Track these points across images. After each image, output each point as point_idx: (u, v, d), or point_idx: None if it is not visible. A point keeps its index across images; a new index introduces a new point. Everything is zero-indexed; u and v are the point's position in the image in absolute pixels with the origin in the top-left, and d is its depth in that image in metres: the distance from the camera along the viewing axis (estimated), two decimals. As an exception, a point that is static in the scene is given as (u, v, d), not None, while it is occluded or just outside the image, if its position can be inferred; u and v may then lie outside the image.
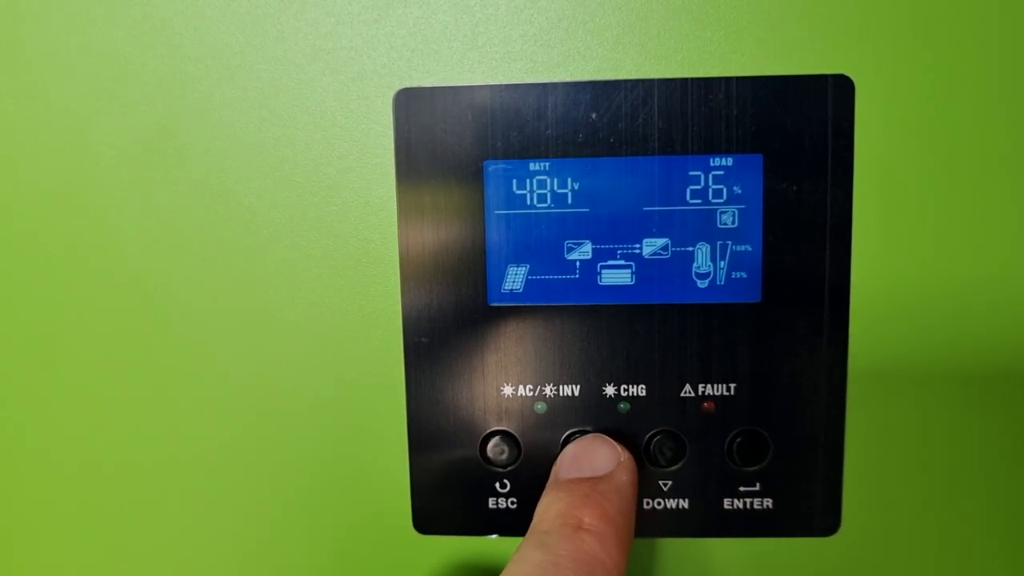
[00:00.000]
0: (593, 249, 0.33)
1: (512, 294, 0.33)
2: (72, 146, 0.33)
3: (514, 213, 0.32)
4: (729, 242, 0.32)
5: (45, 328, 0.34)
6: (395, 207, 0.32)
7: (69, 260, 0.34)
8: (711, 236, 0.32)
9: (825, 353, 0.32)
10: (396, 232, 0.33)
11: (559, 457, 0.32)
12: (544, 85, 0.32)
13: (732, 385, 0.33)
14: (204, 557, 0.36)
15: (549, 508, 0.29)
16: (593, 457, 0.31)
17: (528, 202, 0.32)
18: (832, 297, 0.32)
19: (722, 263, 0.32)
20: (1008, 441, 0.33)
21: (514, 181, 0.32)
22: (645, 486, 0.34)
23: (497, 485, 0.34)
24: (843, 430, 0.33)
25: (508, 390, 0.33)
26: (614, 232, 0.32)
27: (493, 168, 0.32)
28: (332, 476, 0.35)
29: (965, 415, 0.33)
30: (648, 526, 0.34)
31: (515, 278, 0.33)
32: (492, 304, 0.33)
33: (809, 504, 0.34)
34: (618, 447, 0.31)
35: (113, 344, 0.34)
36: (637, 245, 0.32)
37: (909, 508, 0.34)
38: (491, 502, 0.34)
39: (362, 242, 0.33)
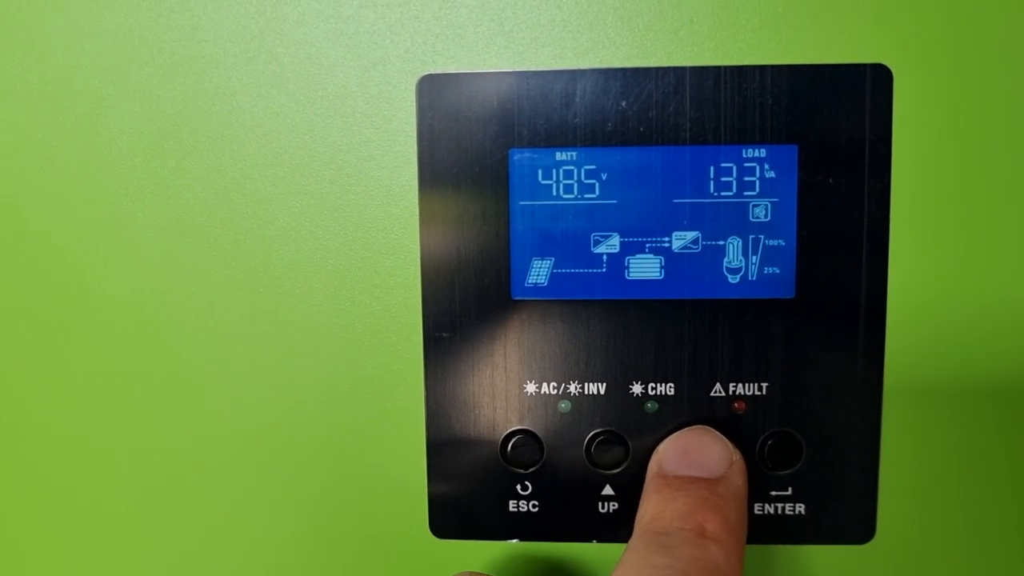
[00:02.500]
0: (621, 242, 0.31)
1: (536, 288, 0.32)
2: (88, 130, 0.32)
3: (539, 204, 0.31)
4: (762, 236, 0.31)
5: (56, 317, 0.33)
6: (416, 196, 0.31)
7: (83, 245, 0.33)
8: (743, 230, 0.31)
9: (861, 352, 0.31)
10: (417, 222, 0.31)
11: (662, 447, 0.30)
12: (572, 72, 0.31)
13: (764, 385, 0.32)
14: (219, 558, 0.34)
15: (664, 507, 0.27)
16: (704, 454, 0.29)
17: (554, 192, 0.31)
18: (868, 294, 0.31)
19: (754, 258, 0.31)
20: (1050, 446, 0.32)
21: (540, 171, 0.31)
22: (672, 490, 0.32)
23: (518, 487, 0.33)
24: (879, 433, 0.32)
25: (531, 388, 0.32)
26: (643, 224, 0.31)
27: (518, 157, 0.31)
28: (347, 476, 0.33)
29: (1004, 423, 0.32)
30: (675, 532, 0.33)
31: (540, 271, 0.32)
32: (516, 298, 0.32)
33: (843, 510, 0.32)
34: (729, 444, 0.30)
35: (125, 332, 0.33)
36: (666, 238, 0.31)
37: (947, 516, 0.32)
38: (511, 505, 0.33)
39: (382, 232, 0.32)
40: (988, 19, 0.30)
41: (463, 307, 0.32)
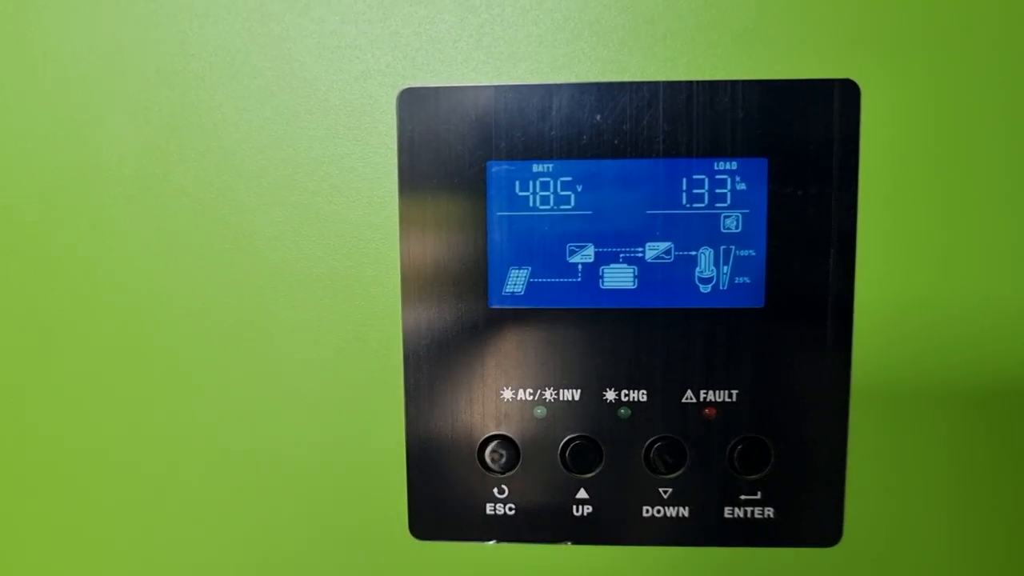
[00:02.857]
0: (596, 252, 0.32)
1: (513, 297, 0.33)
2: (76, 142, 0.33)
3: (516, 215, 0.32)
4: (733, 247, 0.32)
5: (43, 321, 0.34)
6: (397, 207, 0.32)
7: (72, 252, 0.33)
8: (715, 240, 0.32)
9: (829, 361, 0.32)
10: (397, 232, 0.32)
11: None
12: (549, 86, 0.31)
13: (734, 392, 0.32)
14: (203, 561, 0.35)
15: None
16: None
17: (531, 204, 0.32)
18: (836, 304, 0.32)
19: (725, 268, 0.32)
20: (1011, 454, 0.33)
21: (517, 182, 0.32)
22: (645, 494, 0.33)
23: (495, 491, 0.34)
24: (846, 438, 0.33)
25: (508, 394, 0.33)
26: (617, 235, 0.32)
27: (496, 169, 0.32)
28: (329, 480, 0.34)
29: (969, 427, 0.33)
30: (648, 534, 0.33)
31: (516, 280, 0.33)
32: (493, 306, 0.33)
33: (811, 514, 0.33)
34: None
35: (112, 338, 0.34)
36: (640, 248, 0.32)
37: (913, 519, 0.33)
38: (489, 508, 0.34)
39: (363, 242, 0.33)
40: (953, 36, 0.31)
41: (442, 315, 0.33)
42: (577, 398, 0.33)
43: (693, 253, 0.32)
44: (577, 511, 0.33)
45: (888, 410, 0.33)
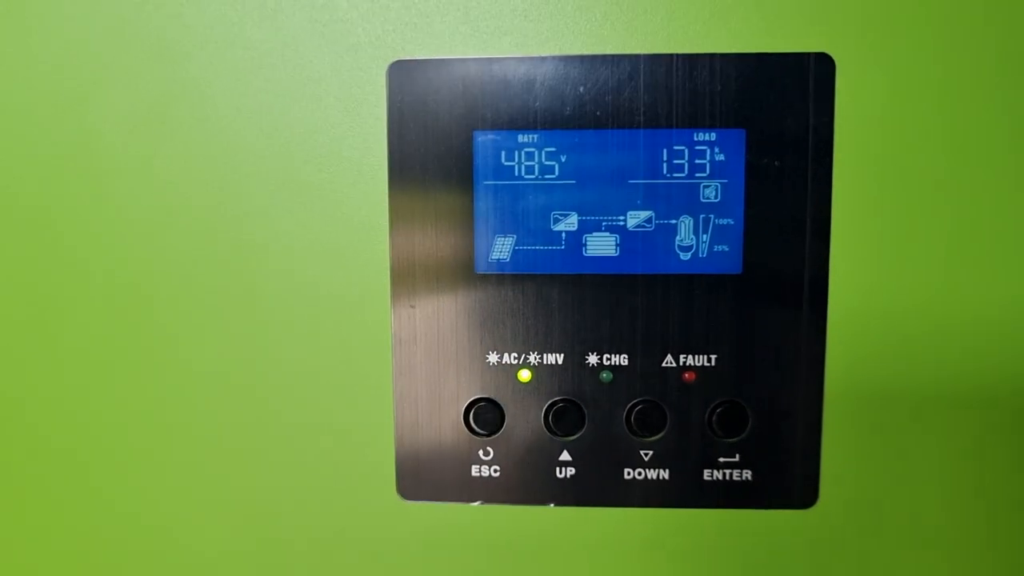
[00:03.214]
0: (579, 220, 0.33)
1: (499, 263, 0.34)
2: (74, 112, 0.34)
3: (502, 183, 0.33)
4: (712, 215, 0.33)
5: (37, 293, 0.35)
6: (386, 175, 0.33)
7: (69, 222, 0.34)
8: (694, 209, 0.33)
9: (804, 325, 0.33)
10: (386, 200, 0.33)
11: None
12: (533, 59, 0.32)
13: (713, 356, 0.33)
14: (192, 520, 0.36)
15: None
16: None
17: (516, 173, 0.33)
18: (812, 271, 0.33)
19: (704, 236, 0.33)
20: (982, 418, 0.34)
21: (503, 152, 0.33)
22: (627, 456, 0.34)
23: (480, 453, 0.35)
24: (822, 403, 0.33)
25: (493, 358, 0.34)
26: (600, 204, 0.33)
27: (482, 139, 0.33)
28: (320, 442, 0.35)
29: (942, 393, 0.34)
30: (629, 496, 0.34)
31: (502, 247, 0.34)
32: (479, 272, 0.34)
33: (787, 476, 0.34)
34: None
35: (103, 307, 0.35)
36: (622, 217, 0.33)
37: (886, 482, 0.34)
38: (474, 469, 0.35)
39: (353, 209, 0.34)
40: (926, 11, 0.32)
41: (429, 281, 0.34)
42: (560, 362, 0.34)
43: (673, 222, 0.33)
44: (560, 473, 0.34)
45: (862, 375, 0.34)
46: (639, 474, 0.34)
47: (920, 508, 0.34)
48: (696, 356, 0.33)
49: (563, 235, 0.33)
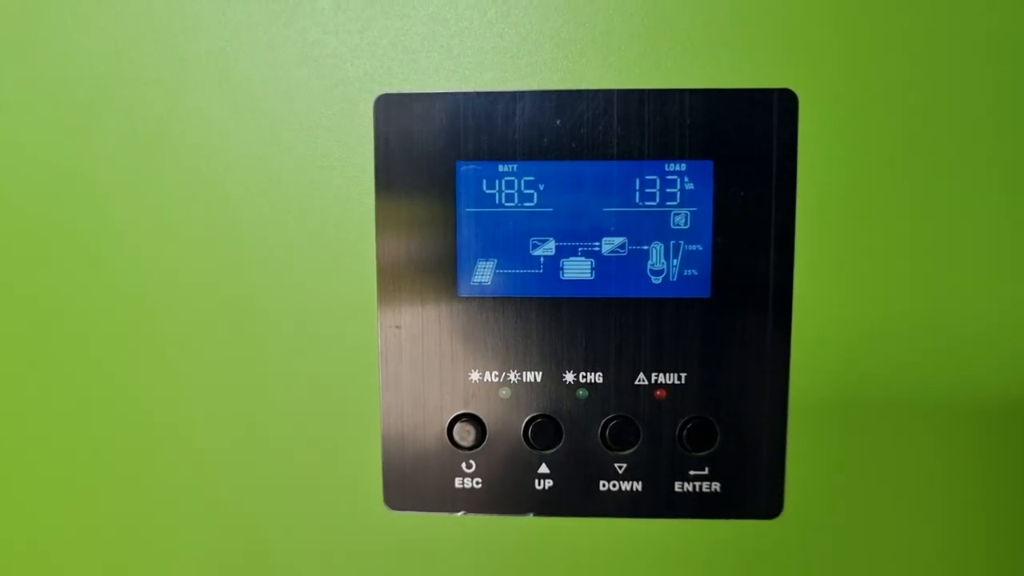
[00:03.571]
0: (556, 246, 0.35)
1: (480, 286, 0.35)
2: (77, 140, 0.35)
3: (484, 211, 0.35)
4: (682, 241, 0.35)
5: (41, 308, 0.37)
6: (373, 203, 0.35)
7: (71, 244, 0.36)
8: (665, 236, 0.35)
9: (770, 346, 0.35)
10: (374, 226, 0.35)
11: None
12: (513, 93, 0.34)
13: (683, 374, 0.35)
14: (182, 532, 0.38)
15: None
16: None
17: (497, 201, 0.35)
18: (776, 294, 0.35)
19: (675, 261, 0.35)
20: (945, 427, 0.36)
21: (484, 181, 0.35)
22: (602, 469, 0.36)
23: (463, 465, 0.36)
24: (786, 418, 0.35)
25: (475, 376, 0.36)
26: (576, 230, 0.35)
27: (465, 168, 0.35)
28: (311, 456, 0.37)
29: (902, 406, 0.35)
30: (604, 507, 0.36)
31: (483, 271, 0.35)
32: (462, 295, 0.35)
33: (754, 488, 0.36)
34: None
35: (104, 323, 0.36)
36: (597, 243, 0.35)
37: (850, 494, 0.36)
38: (458, 481, 0.37)
39: (342, 234, 0.35)
40: (883, 49, 0.33)
41: (414, 303, 0.35)
42: (539, 380, 0.36)
43: (645, 247, 0.35)
44: (539, 485, 0.36)
45: (825, 391, 0.35)
46: (613, 486, 0.36)
47: (883, 516, 0.36)
48: (667, 374, 0.35)
49: (541, 260, 0.35)
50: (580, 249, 0.35)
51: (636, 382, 0.35)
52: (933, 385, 0.35)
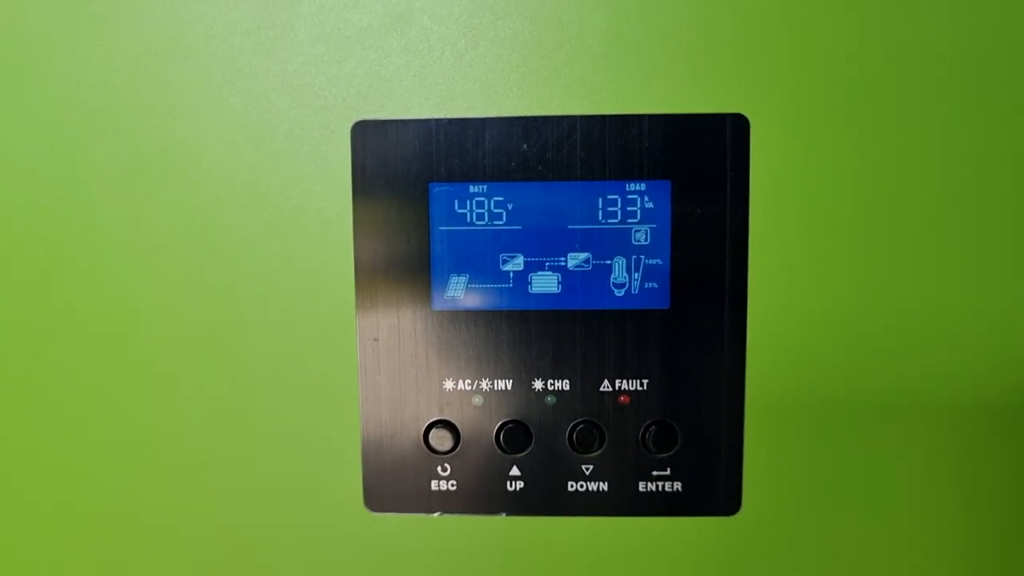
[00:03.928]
0: (525, 261, 0.37)
1: (453, 300, 0.38)
2: (69, 167, 0.37)
3: (456, 229, 0.37)
4: (642, 256, 0.37)
5: (27, 319, 0.39)
6: (351, 223, 0.37)
7: (66, 266, 0.38)
8: (627, 251, 0.37)
9: (726, 353, 0.37)
10: (351, 245, 0.37)
11: None
12: (482, 119, 0.36)
13: (645, 381, 0.38)
14: (165, 535, 0.40)
15: None
16: None
17: (468, 220, 0.37)
18: (732, 304, 0.37)
19: (636, 274, 0.37)
20: (894, 426, 0.38)
21: (456, 201, 0.37)
22: (570, 470, 0.38)
23: (439, 469, 0.39)
24: (743, 421, 0.38)
25: (449, 384, 0.38)
26: (543, 247, 0.37)
27: (437, 190, 0.37)
28: (293, 461, 0.39)
29: (850, 409, 0.38)
30: (572, 506, 0.38)
31: (456, 286, 0.38)
32: (435, 309, 0.37)
33: (713, 487, 0.38)
34: None
35: (97, 336, 0.39)
36: (563, 258, 0.37)
37: (803, 491, 0.38)
38: (433, 484, 0.39)
39: (322, 253, 0.37)
40: (831, 75, 0.36)
41: (390, 316, 0.38)
42: (509, 387, 0.38)
43: (608, 262, 0.37)
44: (510, 486, 0.38)
45: (779, 396, 0.38)
46: (581, 486, 0.38)
47: (839, 512, 0.39)
48: (630, 381, 0.38)
49: (511, 275, 0.37)
50: (547, 264, 0.37)
51: (601, 389, 0.38)
52: (887, 384, 0.38)
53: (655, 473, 0.38)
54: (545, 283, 0.37)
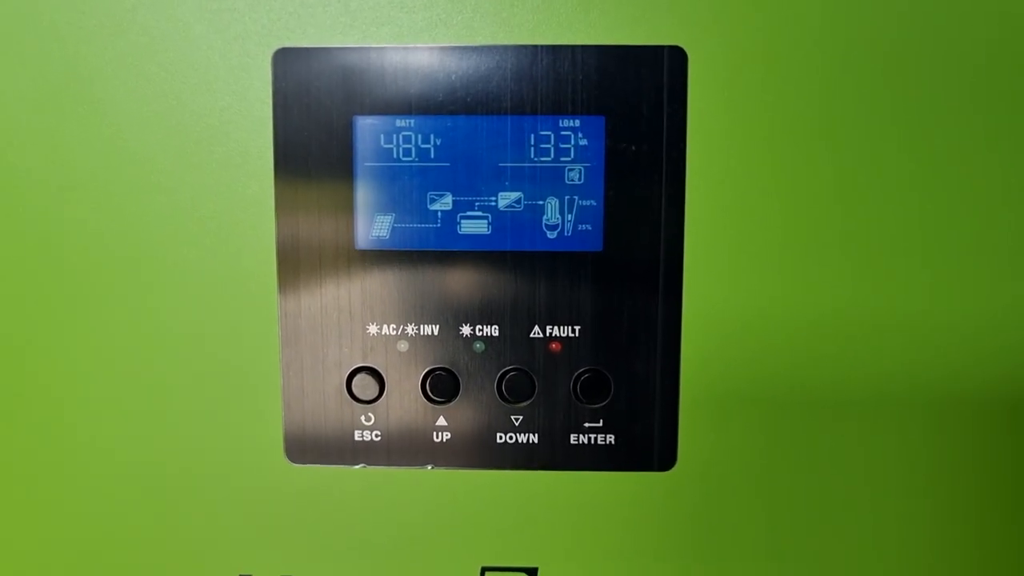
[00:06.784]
0: (453, 200, 0.36)
1: (378, 240, 0.36)
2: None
3: (381, 165, 0.35)
4: (576, 197, 0.35)
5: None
6: (272, 158, 0.35)
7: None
8: (560, 191, 0.35)
9: (661, 298, 0.36)
10: (272, 181, 0.35)
11: None
12: (408, 48, 0.35)
13: (577, 328, 0.36)
14: (83, 491, 0.38)
15: None
16: None
17: (394, 156, 0.35)
18: (667, 248, 0.35)
19: (569, 216, 0.35)
20: (834, 380, 0.36)
21: (381, 136, 0.35)
22: (498, 421, 0.36)
23: (363, 418, 0.37)
24: (678, 371, 0.36)
25: (373, 329, 0.36)
26: (472, 185, 0.35)
27: (362, 123, 0.35)
28: (210, 410, 0.37)
29: (791, 361, 0.36)
30: (500, 459, 0.37)
31: (381, 225, 0.36)
32: (359, 248, 0.36)
33: (648, 441, 0.37)
34: None
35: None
36: (493, 198, 0.35)
37: (740, 447, 0.37)
38: (357, 434, 0.37)
39: (241, 187, 0.36)
40: (773, 6, 0.34)
41: (313, 256, 0.36)
42: (436, 333, 0.36)
43: (541, 202, 0.35)
44: (437, 437, 0.37)
45: (716, 346, 0.36)
46: (510, 438, 0.37)
47: (776, 470, 0.37)
48: (561, 327, 0.36)
49: (439, 214, 0.36)
50: (477, 204, 0.36)
51: (531, 335, 0.36)
52: (832, 330, 0.36)
53: (587, 425, 0.37)
54: (474, 224, 0.36)
